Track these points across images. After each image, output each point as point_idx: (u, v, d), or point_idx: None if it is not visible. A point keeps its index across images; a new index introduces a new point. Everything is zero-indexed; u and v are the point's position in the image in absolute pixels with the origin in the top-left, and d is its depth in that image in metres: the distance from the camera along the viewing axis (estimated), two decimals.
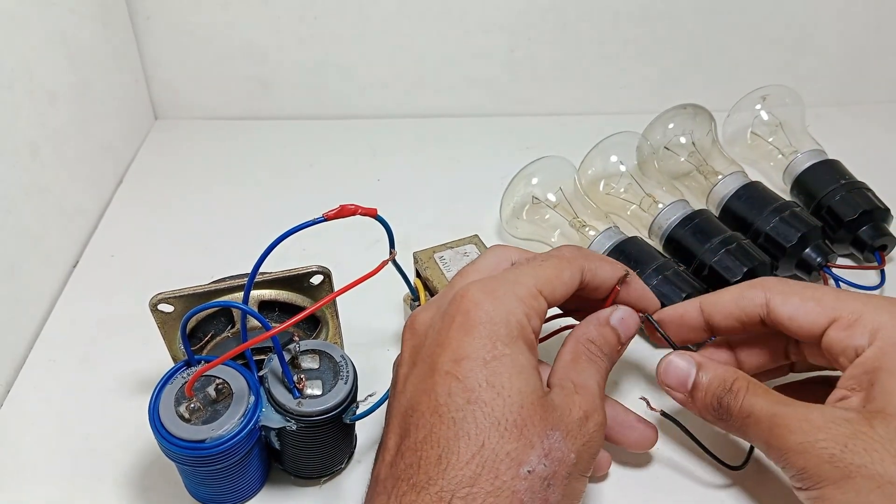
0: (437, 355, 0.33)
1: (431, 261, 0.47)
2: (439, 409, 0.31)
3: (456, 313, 0.33)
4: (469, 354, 0.32)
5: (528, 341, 0.33)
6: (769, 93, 0.60)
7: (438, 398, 0.31)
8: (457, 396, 0.31)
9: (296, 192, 0.63)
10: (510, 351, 0.32)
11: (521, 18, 0.68)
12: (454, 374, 0.31)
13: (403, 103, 0.73)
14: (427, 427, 0.31)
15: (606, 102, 0.72)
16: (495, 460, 0.30)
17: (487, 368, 0.31)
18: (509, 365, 0.32)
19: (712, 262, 0.48)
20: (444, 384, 0.31)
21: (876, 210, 0.52)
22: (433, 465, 0.30)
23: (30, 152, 0.52)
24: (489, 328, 0.32)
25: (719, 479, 0.40)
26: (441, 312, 0.34)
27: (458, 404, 0.31)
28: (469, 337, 0.32)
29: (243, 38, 0.69)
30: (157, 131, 0.72)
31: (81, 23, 0.59)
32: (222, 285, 0.41)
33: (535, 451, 0.30)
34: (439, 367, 0.32)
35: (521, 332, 0.33)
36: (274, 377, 0.37)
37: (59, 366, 0.48)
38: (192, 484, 0.39)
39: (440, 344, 0.33)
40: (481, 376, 0.31)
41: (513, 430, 0.30)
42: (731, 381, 0.36)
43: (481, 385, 0.31)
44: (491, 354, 0.32)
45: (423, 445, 0.31)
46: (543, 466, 0.30)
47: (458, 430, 0.30)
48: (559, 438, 0.31)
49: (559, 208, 0.54)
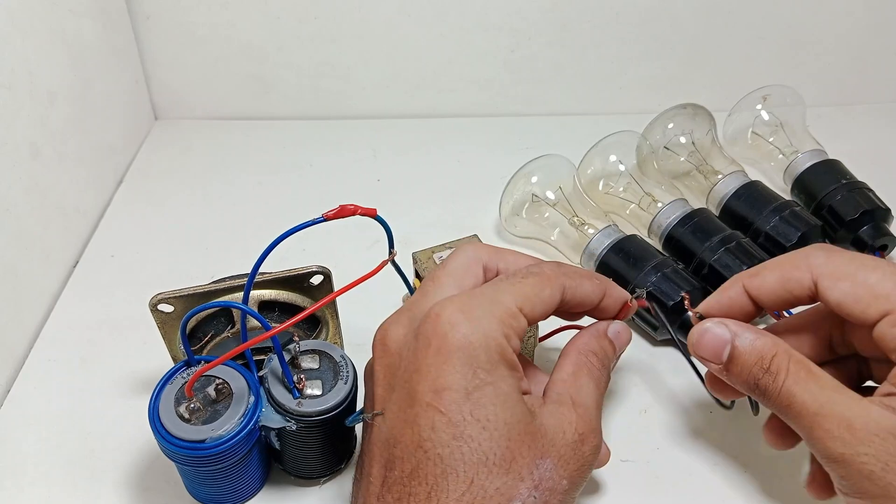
0: (415, 382, 0.31)
1: (430, 261, 0.47)
2: (424, 445, 0.30)
3: (432, 336, 0.31)
4: (450, 385, 0.30)
5: (510, 363, 0.32)
6: (770, 93, 0.60)
7: (422, 433, 0.30)
8: (441, 432, 0.30)
9: (296, 192, 0.63)
10: (492, 379, 0.31)
11: (521, 18, 0.68)
12: (436, 407, 0.30)
13: (403, 103, 0.73)
14: (413, 462, 0.30)
15: (606, 102, 0.72)
16: (484, 497, 0.29)
17: (470, 400, 0.30)
18: (492, 395, 0.31)
19: (712, 261, 0.48)
20: (427, 417, 0.30)
21: (876, 210, 0.52)
22: (422, 503, 0.29)
23: (30, 152, 0.52)
24: (468, 354, 0.31)
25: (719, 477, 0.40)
26: (414, 332, 0.33)
27: (443, 440, 0.30)
28: (448, 365, 0.31)
29: (243, 38, 0.69)
30: (157, 131, 0.72)
31: (81, 23, 0.59)
32: (222, 285, 0.41)
33: (524, 483, 0.30)
34: (419, 397, 0.31)
35: (502, 355, 0.32)
36: (274, 377, 0.37)
37: (59, 366, 0.48)
38: (192, 484, 0.39)
39: (417, 370, 0.31)
40: (465, 409, 0.30)
41: (501, 464, 0.30)
42: (769, 358, 0.33)
43: (466, 419, 0.30)
44: (472, 384, 0.31)
45: (410, 482, 0.30)
46: (534, 499, 0.30)
47: (446, 468, 0.30)
48: (550, 467, 0.31)
49: (558, 206, 0.54)
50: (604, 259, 0.50)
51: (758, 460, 0.41)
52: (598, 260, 0.50)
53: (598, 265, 0.51)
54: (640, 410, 0.44)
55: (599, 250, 0.50)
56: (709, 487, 0.40)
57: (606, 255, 0.50)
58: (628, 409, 0.44)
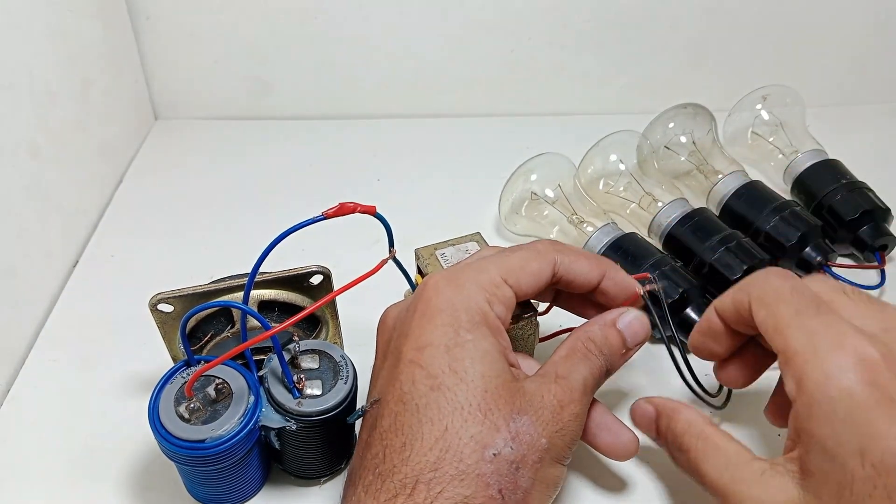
0: (401, 345, 0.33)
1: (433, 257, 0.47)
2: (404, 398, 0.31)
3: (419, 303, 0.34)
4: (431, 342, 0.32)
5: (493, 326, 0.33)
6: (770, 92, 0.60)
7: (403, 386, 0.31)
8: (420, 384, 0.31)
9: (296, 192, 0.63)
10: (472, 336, 0.32)
11: (521, 18, 0.68)
12: (417, 362, 0.32)
13: (403, 103, 0.73)
14: (392, 415, 0.31)
15: (606, 102, 0.72)
16: (459, 444, 0.30)
17: (450, 355, 0.31)
18: (472, 350, 0.32)
19: (712, 260, 0.48)
20: (409, 372, 0.32)
21: (876, 210, 0.52)
22: (397, 453, 0.30)
23: (30, 152, 0.52)
24: (450, 315, 0.32)
25: None
26: (407, 305, 0.35)
27: (421, 391, 0.31)
28: (431, 325, 0.32)
29: (243, 38, 0.69)
30: (157, 131, 0.72)
31: (81, 23, 0.59)
32: (222, 285, 0.41)
33: (500, 434, 0.30)
34: (404, 355, 0.32)
35: (484, 317, 0.33)
36: (274, 377, 0.37)
37: (59, 366, 0.48)
38: (192, 484, 0.39)
39: (404, 334, 0.33)
40: (444, 363, 0.31)
41: (476, 413, 0.30)
42: (681, 437, 0.34)
43: (444, 371, 0.31)
44: (453, 341, 0.32)
45: (387, 434, 0.31)
46: (510, 449, 0.30)
47: (422, 417, 0.30)
48: (527, 422, 0.31)
49: (558, 205, 0.54)
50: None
51: None
52: None
53: None
54: None
55: (598, 248, 0.50)
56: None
57: (605, 253, 0.50)
58: (627, 408, 0.44)
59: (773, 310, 0.32)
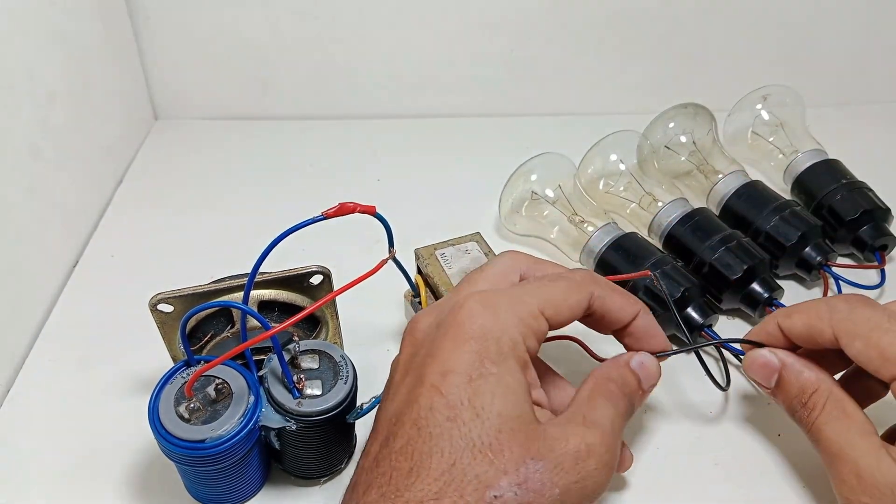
0: (426, 366, 0.32)
1: (433, 258, 0.47)
2: (419, 422, 0.31)
3: (451, 325, 0.33)
4: (455, 369, 0.31)
5: (521, 361, 0.32)
6: (770, 92, 0.60)
7: (420, 411, 0.31)
8: (437, 412, 0.30)
9: (296, 192, 0.63)
10: (497, 370, 0.31)
11: (521, 18, 0.68)
12: (438, 388, 0.31)
13: (403, 103, 0.73)
14: (405, 438, 0.31)
15: (606, 102, 0.72)
16: (463, 480, 0.29)
17: (471, 386, 0.31)
18: (494, 385, 0.31)
19: (712, 260, 0.48)
20: (428, 397, 0.31)
21: (876, 210, 0.52)
22: (403, 477, 0.30)
23: (30, 152, 0.52)
24: (480, 344, 0.32)
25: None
26: (438, 322, 0.34)
27: (437, 420, 0.30)
28: (458, 351, 0.32)
29: (243, 38, 0.69)
30: (157, 131, 0.72)
31: (81, 23, 0.59)
32: (222, 285, 0.41)
33: (507, 477, 0.29)
34: (426, 378, 0.32)
35: (514, 350, 0.32)
36: (274, 377, 0.37)
37: (59, 366, 0.48)
38: (192, 484, 0.39)
39: (431, 355, 0.32)
40: (464, 394, 0.31)
41: (486, 453, 0.30)
42: (809, 393, 0.35)
43: (463, 403, 0.30)
44: (477, 372, 0.31)
45: (398, 456, 0.30)
46: (514, 495, 0.29)
47: (433, 447, 0.30)
48: (541, 469, 0.30)
49: (558, 204, 0.54)
50: (603, 256, 0.50)
51: (758, 460, 0.41)
52: (598, 257, 0.50)
53: (598, 263, 0.51)
54: (641, 410, 0.44)
55: (599, 248, 0.50)
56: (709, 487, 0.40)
57: (606, 253, 0.50)
58: None
59: (875, 341, 0.34)
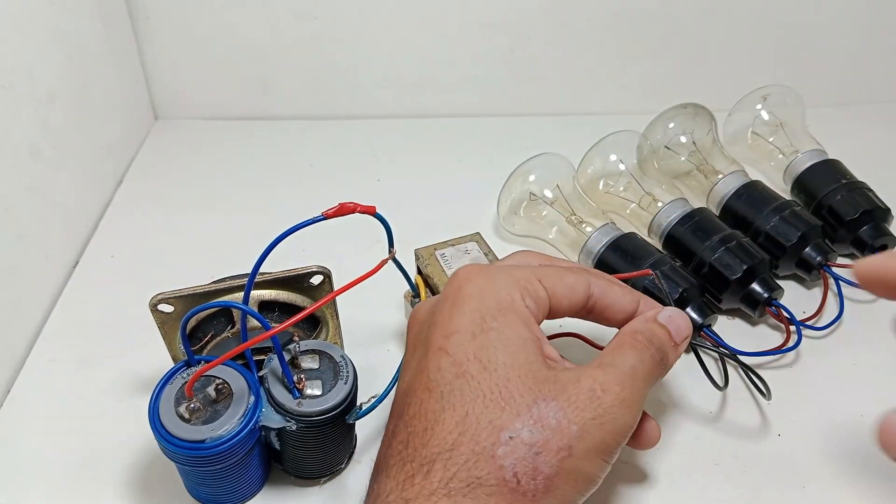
0: (431, 334, 0.33)
1: (433, 258, 0.47)
2: (430, 385, 0.31)
3: (449, 293, 0.34)
4: (458, 328, 0.32)
5: (522, 315, 0.33)
6: (770, 93, 0.60)
7: (430, 374, 0.32)
8: (446, 371, 0.31)
9: (296, 192, 0.63)
10: (497, 325, 0.32)
11: (521, 18, 0.68)
12: (444, 349, 0.32)
13: (403, 103, 0.73)
14: (418, 403, 0.31)
15: (606, 102, 0.72)
16: (476, 427, 0.30)
17: (475, 342, 0.32)
18: (496, 339, 0.32)
19: (712, 260, 0.48)
20: (436, 360, 0.32)
21: (876, 210, 0.52)
22: (419, 437, 0.30)
23: (30, 152, 0.52)
24: (478, 302, 0.33)
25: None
26: (437, 298, 0.35)
27: (446, 378, 0.31)
28: (459, 312, 0.33)
29: (243, 38, 0.69)
30: (157, 131, 0.72)
31: (81, 23, 0.59)
32: (222, 285, 0.41)
33: (520, 418, 0.30)
34: (433, 343, 0.33)
35: (512, 305, 0.33)
36: (274, 377, 0.37)
37: (59, 366, 0.48)
38: (192, 484, 0.39)
39: (434, 323, 0.33)
40: (469, 350, 0.32)
41: (498, 401, 0.30)
42: None
43: (469, 359, 0.31)
44: (479, 328, 0.32)
45: (413, 420, 0.31)
46: (530, 433, 0.30)
47: (445, 403, 0.31)
48: (554, 407, 0.30)
49: (556, 205, 0.54)
50: (602, 257, 0.50)
51: (758, 460, 0.41)
52: (597, 258, 0.50)
53: (597, 263, 0.51)
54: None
55: (597, 248, 0.50)
56: (709, 487, 0.40)
57: (605, 253, 0.50)
58: None
59: None
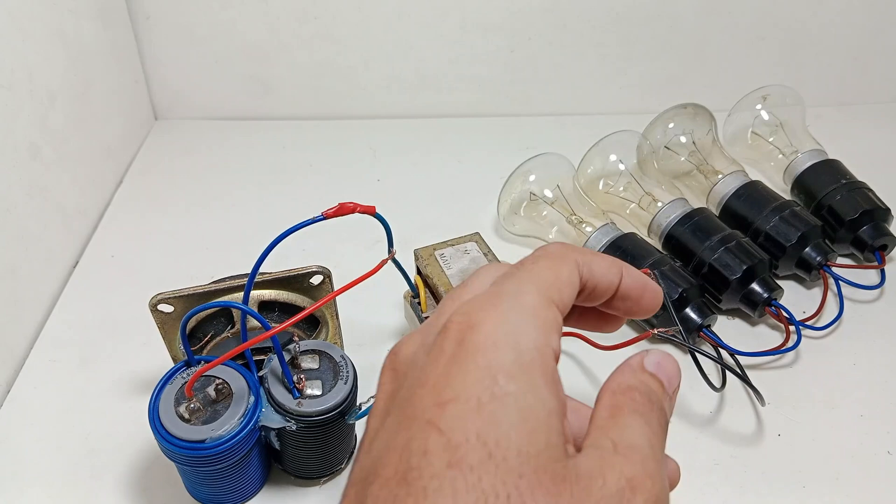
0: (416, 398, 0.23)
1: (432, 258, 0.47)
2: (409, 476, 0.21)
3: (446, 343, 0.24)
4: (458, 394, 0.22)
5: (548, 371, 0.23)
6: (770, 93, 0.60)
7: (411, 459, 0.22)
8: (434, 457, 0.21)
9: (296, 192, 0.63)
10: (516, 388, 0.22)
11: (521, 18, 0.68)
12: (435, 425, 0.22)
13: (403, 103, 0.73)
14: (388, 498, 0.21)
15: (606, 102, 0.72)
16: None
17: (481, 415, 0.22)
18: (513, 410, 0.22)
19: (712, 260, 0.48)
20: (421, 439, 0.22)
21: (876, 210, 0.52)
22: None
23: (30, 152, 0.52)
24: (490, 354, 0.23)
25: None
26: (425, 343, 0.25)
27: (434, 469, 0.21)
28: (461, 369, 0.23)
29: (243, 38, 0.69)
30: (157, 132, 0.72)
31: (81, 23, 0.59)
32: (222, 285, 0.41)
33: None
34: (418, 414, 0.22)
35: (540, 357, 0.23)
36: (274, 377, 0.37)
37: (59, 366, 0.48)
38: (192, 484, 0.39)
39: (423, 384, 0.23)
40: (471, 427, 0.21)
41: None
42: None
43: (469, 440, 0.21)
44: (489, 393, 0.22)
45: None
46: None
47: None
48: None
49: (556, 205, 0.54)
50: None
51: (758, 460, 0.41)
52: None
53: None
54: None
55: (597, 248, 0.51)
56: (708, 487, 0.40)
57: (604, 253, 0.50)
58: None
59: None
